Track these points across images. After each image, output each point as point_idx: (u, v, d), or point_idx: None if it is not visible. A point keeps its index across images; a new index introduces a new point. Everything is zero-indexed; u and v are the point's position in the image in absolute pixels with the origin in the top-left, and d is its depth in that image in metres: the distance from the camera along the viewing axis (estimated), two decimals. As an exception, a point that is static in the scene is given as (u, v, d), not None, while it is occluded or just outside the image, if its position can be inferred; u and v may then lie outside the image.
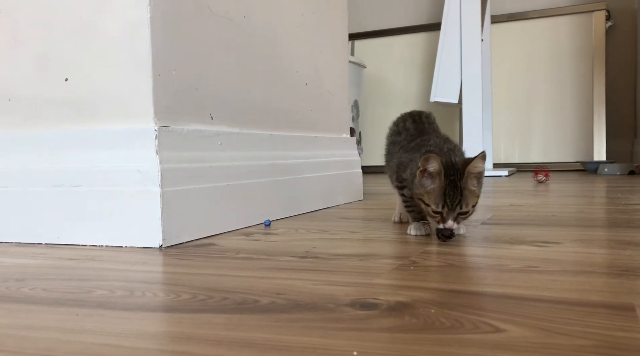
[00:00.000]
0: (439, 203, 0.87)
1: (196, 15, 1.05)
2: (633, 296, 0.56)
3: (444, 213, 0.88)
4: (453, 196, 0.87)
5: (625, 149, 3.39)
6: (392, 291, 0.61)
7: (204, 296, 0.60)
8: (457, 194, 0.87)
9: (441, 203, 0.87)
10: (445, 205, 0.87)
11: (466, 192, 0.87)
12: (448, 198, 0.87)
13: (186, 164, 0.98)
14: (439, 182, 0.87)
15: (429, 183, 0.88)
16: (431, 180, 0.88)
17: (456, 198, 0.87)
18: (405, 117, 1.15)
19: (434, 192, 0.88)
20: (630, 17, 3.34)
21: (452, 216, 0.88)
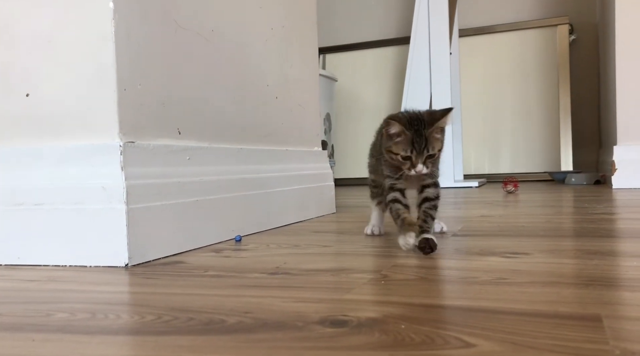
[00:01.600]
0: (407, 148, 0.94)
1: (163, 29, 1.03)
2: (600, 306, 0.56)
3: (413, 156, 0.94)
4: (420, 142, 0.94)
5: (591, 159, 3.47)
6: (362, 306, 0.60)
7: (169, 317, 0.58)
8: (423, 140, 0.94)
9: (409, 148, 0.94)
10: (413, 149, 0.94)
11: (431, 138, 0.95)
12: (416, 143, 0.94)
13: (153, 180, 0.96)
14: (404, 135, 0.94)
15: (395, 138, 0.95)
16: (396, 137, 0.95)
17: (422, 143, 0.94)
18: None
19: (402, 141, 0.95)
20: (592, 31, 3.44)
21: (421, 160, 0.94)
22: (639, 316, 0.53)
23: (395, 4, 3.93)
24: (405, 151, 0.94)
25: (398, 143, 0.95)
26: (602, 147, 3.29)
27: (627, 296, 0.61)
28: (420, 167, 0.95)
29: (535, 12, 3.53)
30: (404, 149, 0.94)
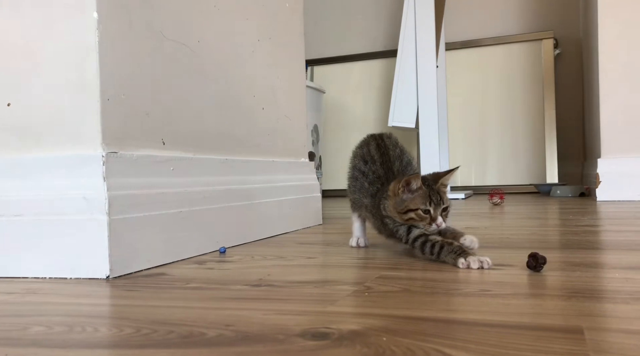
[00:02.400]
0: (426, 201, 0.97)
1: (148, 39, 1.03)
2: (582, 318, 0.56)
3: (432, 209, 0.97)
4: (435, 196, 0.98)
5: (576, 171, 3.50)
6: (345, 319, 0.60)
7: (148, 330, 0.57)
8: (436, 194, 0.99)
9: (428, 201, 0.97)
10: (432, 202, 0.97)
11: (441, 193, 1.00)
12: (433, 197, 0.98)
13: (136, 191, 0.95)
14: (420, 191, 0.98)
15: (410, 195, 0.99)
16: (412, 193, 0.98)
17: (437, 197, 0.98)
18: (369, 141, 1.15)
19: (419, 197, 0.98)
20: (576, 45, 3.49)
21: (439, 212, 0.98)
22: (619, 328, 0.53)
23: (382, 17, 3.97)
24: (424, 205, 0.97)
25: (415, 199, 0.98)
26: (586, 160, 3.32)
27: (609, 308, 0.61)
28: (440, 220, 0.98)
29: (521, 27, 3.58)
30: (422, 202, 0.97)
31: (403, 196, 0.99)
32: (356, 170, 1.15)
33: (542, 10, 3.56)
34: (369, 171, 1.11)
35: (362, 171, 1.12)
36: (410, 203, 0.98)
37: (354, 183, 1.15)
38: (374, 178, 1.10)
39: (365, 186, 1.11)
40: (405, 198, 0.98)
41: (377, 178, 1.09)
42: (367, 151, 1.13)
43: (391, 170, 1.09)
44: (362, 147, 1.16)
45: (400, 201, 0.99)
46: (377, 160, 1.11)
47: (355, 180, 1.15)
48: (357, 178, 1.14)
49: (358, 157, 1.15)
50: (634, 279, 0.75)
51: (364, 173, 1.11)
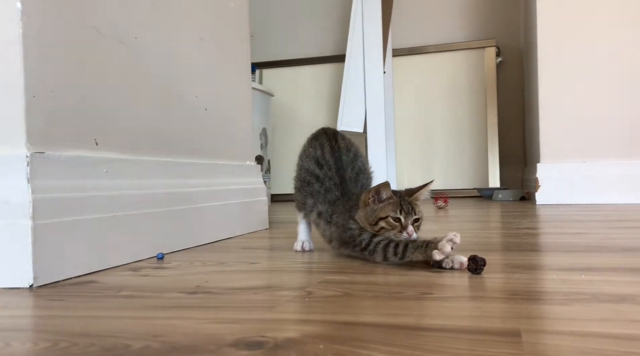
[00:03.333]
0: (397, 209, 0.95)
1: (80, 34, 0.97)
2: (520, 321, 0.56)
3: (403, 217, 0.94)
4: (406, 205, 0.96)
5: (517, 176, 3.62)
6: (282, 326, 0.57)
7: (67, 344, 0.53)
8: (407, 204, 0.97)
9: (398, 208, 0.95)
10: (402, 210, 0.95)
11: (414, 205, 0.98)
12: (404, 205, 0.96)
13: (65, 194, 0.89)
14: (391, 200, 0.96)
15: (381, 205, 0.96)
16: (382, 202, 0.96)
17: (408, 207, 0.96)
18: (323, 143, 1.12)
19: (390, 205, 0.96)
20: (517, 54, 3.61)
21: (410, 221, 0.95)
22: (556, 329, 0.53)
23: (331, 22, 3.98)
24: (395, 212, 0.94)
25: (386, 207, 0.95)
26: (527, 165, 3.43)
27: (546, 310, 0.61)
28: (411, 229, 0.95)
29: (465, 35, 3.67)
30: (393, 210, 0.95)
31: (374, 206, 0.96)
32: (309, 173, 1.10)
33: (485, 19, 3.66)
34: (324, 177, 1.07)
35: (316, 175, 1.09)
36: (381, 211, 0.95)
37: (306, 186, 1.11)
38: (330, 184, 1.07)
39: (321, 192, 1.07)
40: (376, 208, 0.96)
41: (334, 185, 1.07)
42: (321, 154, 1.10)
43: (344, 178, 1.07)
44: (316, 148, 1.11)
45: (370, 212, 0.97)
46: (332, 166, 1.08)
47: (307, 184, 1.11)
48: (310, 182, 1.10)
49: (311, 158, 1.11)
50: (571, 280, 0.76)
51: (319, 178, 1.08)
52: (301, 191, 1.14)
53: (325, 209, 1.06)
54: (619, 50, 2.48)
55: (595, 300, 0.64)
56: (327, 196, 1.07)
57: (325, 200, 1.07)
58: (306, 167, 1.12)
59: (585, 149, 2.53)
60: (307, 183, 1.11)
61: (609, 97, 2.50)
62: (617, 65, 2.48)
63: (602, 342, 0.48)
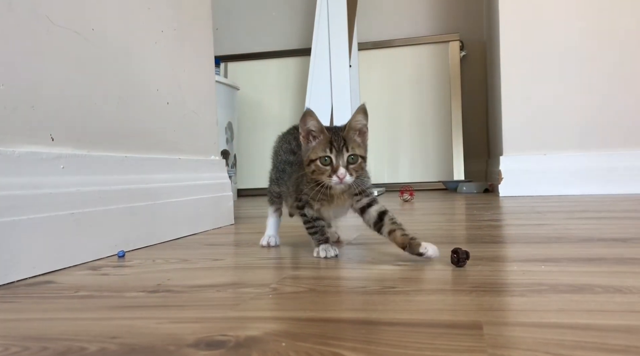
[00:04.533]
0: (326, 148, 0.87)
1: (32, 25, 0.93)
2: (481, 313, 0.57)
3: (333, 157, 0.87)
4: (338, 141, 0.88)
5: (481, 168, 3.68)
6: (244, 324, 0.56)
7: (19, 348, 0.51)
8: (341, 140, 0.88)
9: (328, 147, 0.87)
10: (332, 148, 0.87)
11: (349, 140, 0.89)
12: (334, 142, 0.88)
13: (18, 192, 0.86)
14: (323, 135, 0.89)
15: (313, 143, 0.90)
16: (315, 140, 0.90)
17: (341, 143, 0.88)
18: (297, 135, 1.08)
19: (319, 144, 0.89)
20: (480, 48, 3.66)
21: (342, 161, 0.87)
22: (517, 321, 0.54)
23: (297, 15, 3.96)
24: (324, 151, 0.87)
25: (316, 147, 0.89)
26: (490, 158, 3.50)
27: (507, 301, 0.62)
28: (342, 171, 0.86)
29: (429, 29, 3.70)
30: (322, 150, 0.87)
31: (308, 145, 0.91)
32: (284, 163, 1.09)
33: (449, 13, 3.70)
34: (295, 160, 1.06)
35: (290, 162, 1.07)
36: (311, 152, 0.89)
37: (280, 175, 1.10)
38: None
39: (294, 170, 1.05)
40: (308, 147, 0.91)
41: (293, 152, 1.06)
42: (295, 145, 1.08)
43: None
44: (290, 142, 1.10)
45: (305, 150, 0.91)
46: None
47: (282, 172, 1.10)
48: (285, 169, 1.09)
49: (287, 151, 1.10)
50: (531, 271, 0.78)
51: (293, 163, 1.07)
52: (276, 182, 1.13)
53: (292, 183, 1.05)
54: (580, 44, 2.54)
55: (554, 290, 0.65)
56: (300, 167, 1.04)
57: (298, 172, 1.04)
58: (282, 159, 1.11)
59: (546, 142, 2.58)
60: (282, 171, 1.10)
61: (569, 90, 2.56)
62: (577, 58, 2.54)
63: (561, 332, 0.49)
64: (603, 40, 2.51)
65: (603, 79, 2.52)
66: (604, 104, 2.52)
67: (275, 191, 1.15)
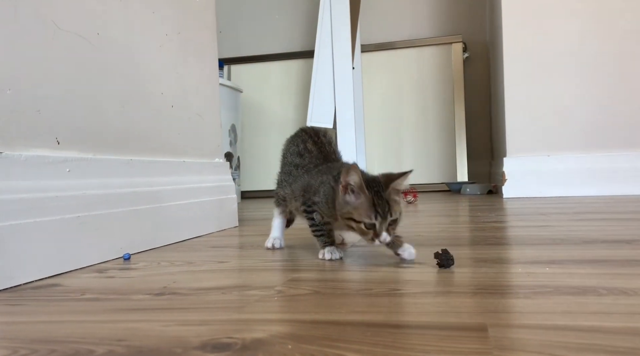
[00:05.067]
0: (371, 214, 0.84)
1: (38, 29, 0.94)
2: (486, 315, 0.57)
3: (377, 224, 0.84)
4: (382, 206, 0.84)
5: (484, 170, 3.68)
6: (250, 326, 0.56)
7: (27, 351, 0.51)
8: (384, 203, 0.85)
9: (373, 213, 0.84)
10: (377, 215, 0.84)
11: (391, 202, 0.86)
12: (379, 207, 0.84)
13: (25, 195, 0.87)
14: (364, 195, 0.85)
15: (353, 198, 0.86)
16: (355, 195, 0.86)
17: (385, 207, 0.85)
18: (305, 138, 1.09)
19: (362, 205, 0.85)
20: (483, 50, 3.66)
21: (385, 227, 0.85)
22: (522, 323, 0.54)
23: (299, 17, 3.97)
24: (369, 218, 0.84)
25: (359, 208, 0.85)
26: (494, 159, 3.50)
27: (512, 304, 0.62)
28: (384, 236, 0.85)
29: (432, 30, 3.71)
30: (367, 216, 0.84)
31: (345, 197, 0.87)
32: (292, 165, 1.09)
33: (451, 15, 3.70)
34: (307, 163, 1.05)
35: (296, 164, 1.07)
36: (354, 212, 0.86)
37: (286, 177, 1.10)
38: (311, 165, 1.05)
39: (300, 174, 1.05)
40: (348, 201, 0.86)
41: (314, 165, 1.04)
42: (303, 147, 1.08)
43: (327, 158, 1.06)
44: (298, 144, 1.09)
45: (343, 203, 0.87)
46: (314, 152, 1.07)
47: (289, 174, 1.09)
48: (292, 172, 1.08)
49: (294, 154, 1.09)
50: (536, 273, 0.78)
51: (299, 166, 1.06)
52: (282, 184, 1.12)
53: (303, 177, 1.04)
54: (583, 45, 2.54)
55: (559, 292, 0.66)
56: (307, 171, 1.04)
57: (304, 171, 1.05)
58: (289, 161, 1.10)
59: (550, 143, 2.58)
60: (288, 174, 1.10)
61: (573, 91, 2.56)
62: (581, 59, 2.54)
63: (566, 335, 0.49)
64: (606, 42, 2.51)
65: (607, 80, 2.52)
66: (608, 105, 2.52)
67: (281, 195, 1.14)
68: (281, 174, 1.14)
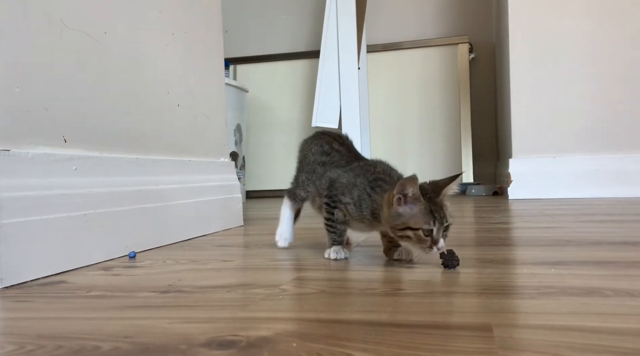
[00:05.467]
0: (430, 220, 0.82)
1: (46, 28, 0.95)
2: (491, 315, 0.57)
3: (435, 230, 0.82)
4: (438, 212, 0.83)
5: (490, 171, 3.67)
6: (255, 324, 0.57)
7: (34, 346, 0.52)
8: (439, 209, 0.83)
9: (431, 219, 0.82)
10: (435, 220, 0.82)
11: (445, 209, 0.85)
12: (435, 212, 0.82)
13: (32, 192, 0.87)
14: (420, 203, 0.83)
15: (408, 209, 0.83)
16: (410, 206, 0.83)
17: (440, 213, 0.83)
18: (329, 140, 1.07)
19: (420, 213, 0.83)
20: (489, 50, 3.66)
21: (442, 232, 0.83)
22: (526, 323, 0.54)
23: (305, 17, 3.97)
24: (428, 224, 0.82)
25: (415, 216, 0.82)
26: (499, 160, 3.49)
27: (517, 304, 0.62)
28: (442, 243, 0.83)
29: (438, 31, 3.70)
30: (426, 222, 0.82)
31: (399, 208, 0.83)
32: (317, 163, 1.05)
33: (458, 16, 3.70)
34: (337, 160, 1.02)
35: (322, 162, 1.04)
36: (410, 220, 0.82)
37: (311, 175, 1.05)
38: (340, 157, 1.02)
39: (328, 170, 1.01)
40: (402, 212, 0.83)
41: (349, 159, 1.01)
42: (329, 147, 1.05)
43: (358, 156, 1.04)
44: (322, 145, 1.06)
45: (396, 215, 0.84)
46: (343, 151, 1.04)
47: (312, 173, 1.05)
48: (316, 170, 1.04)
49: (318, 153, 1.05)
50: (541, 274, 0.78)
51: (325, 163, 1.03)
52: (304, 184, 1.08)
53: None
54: (590, 46, 2.53)
55: (564, 293, 0.65)
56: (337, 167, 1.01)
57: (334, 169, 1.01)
58: (313, 160, 1.06)
59: (556, 145, 2.57)
60: (312, 172, 1.05)
61: (579, 93, 2.55)
62: (587, 61, 2.53)
63: (570, 335, 0.49)
64: (613, 43, 2.50)
65: (613, 81, 2.51)
66: (614, 106, 2.51)
67: (301, 195, 1.10)
68: (302, 174, 1.09)
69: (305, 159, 1.10)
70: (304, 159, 1.10)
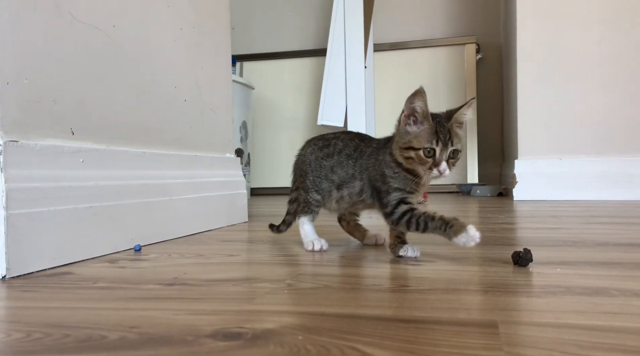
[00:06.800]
0: (432, 139, 0.82)
1: (55, 20, 0.95)
2: (497, 312, 0.57)
3: (437, 150, 0.82)
4: (444, 133, 0.82)
5: (495, 172, 3.66)
6: (260, 317, 0.57)
7: (41, 334, 0.52)
8: (446, 131, 0.83)
9: (434, 138, 0.81)
10: (439, 141, 0.82)
11: (453, 134, 0.84)
12: (440, 133, 0.82)
13: (39, 184, 0.88)
14: (427, 122, 0.83)
15: (415, 128, 0.84)
16: (417, 125, 0.84)
17: (446, 135, 0.82)
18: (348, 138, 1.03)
19: (424, 132, 0.83)
20: (496, 51, 3.65)
21: (445, 155, 0.82)
22: (532, 321, 0.54)
23: (313, 15, 3.97)
24: (429, 143, 0.82)
25: (419, 135, 0.83)
26: (504, 161, 3.48)
27: (522, 302, 0.62)
28: (444, 166, 0.82)
29: (446, 31, 3.69)
30: (428, 141, 0.82)
31: (408, 128, 0.85)
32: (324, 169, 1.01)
33: (465, 16, 3.69)
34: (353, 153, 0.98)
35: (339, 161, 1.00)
36: (414, 139, 0.83)
37: (318, 173, 1.02)
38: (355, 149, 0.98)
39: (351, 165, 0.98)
40: (409, 131, 0.84)
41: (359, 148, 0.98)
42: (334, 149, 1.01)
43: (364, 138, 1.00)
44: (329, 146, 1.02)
45: (404, 133, 0.85)
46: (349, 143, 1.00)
47: (319, 169, 1.02)
48: (322, 165, 1.01)
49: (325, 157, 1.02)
50: (546, 273, 0.77)
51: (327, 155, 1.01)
52: (313, 184, 1.03)
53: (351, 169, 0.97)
54: (597, 47, 2.52)
55: (570, 292, 0.65)
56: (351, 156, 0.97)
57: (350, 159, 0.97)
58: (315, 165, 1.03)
59: (562, 146, 2.56)
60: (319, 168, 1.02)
61: (586, 94, 2.54)
62: (594, 61, 2.52)
63: (577, 333, 0.49)
64: (620, 44, 2.49)
65: (620, 83, 2.50)
66: (621, 108, 2.50)
67: (315, 199, 1.04)
68: (319, 181, 1.03)
69: (303, 167, 1.05)
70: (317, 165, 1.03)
